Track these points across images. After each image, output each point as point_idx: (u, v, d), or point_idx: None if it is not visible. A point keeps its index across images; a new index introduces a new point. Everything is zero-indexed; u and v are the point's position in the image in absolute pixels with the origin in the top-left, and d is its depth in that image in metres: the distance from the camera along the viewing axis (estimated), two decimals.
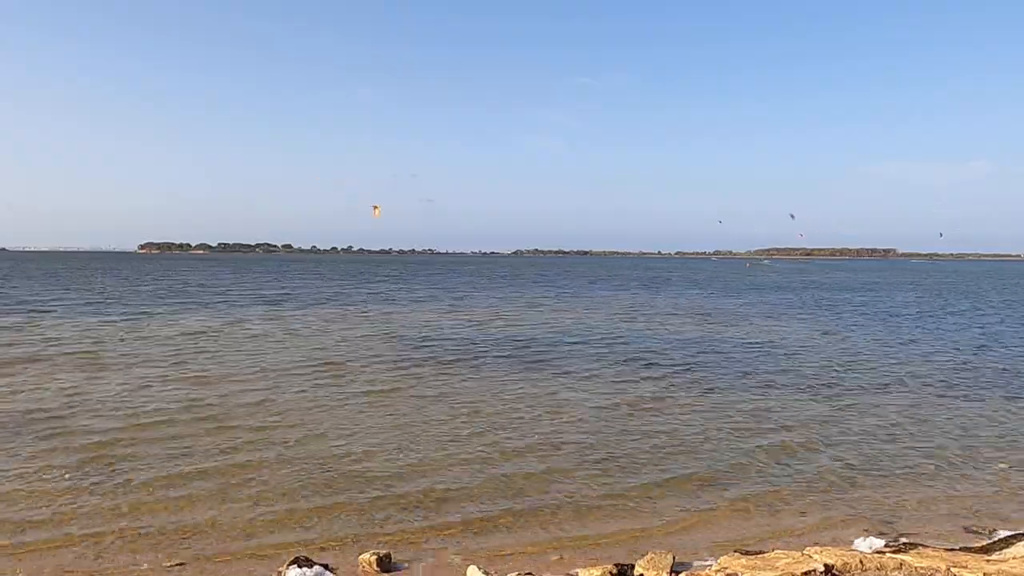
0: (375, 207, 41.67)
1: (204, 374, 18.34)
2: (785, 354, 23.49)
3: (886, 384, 18.34)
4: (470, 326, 31.36)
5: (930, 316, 39.18)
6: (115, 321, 31.15)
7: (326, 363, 20.31)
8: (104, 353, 21.50)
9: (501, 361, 21.34)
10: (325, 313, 36.93)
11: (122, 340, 24.72)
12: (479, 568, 7.23)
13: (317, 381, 17.65)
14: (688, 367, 20.64)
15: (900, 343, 27.00)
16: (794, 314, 39.52)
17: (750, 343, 26.36)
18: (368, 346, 24.24)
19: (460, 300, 48.82)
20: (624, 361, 21.63)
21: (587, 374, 19.37)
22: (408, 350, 23.30)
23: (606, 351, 23.68)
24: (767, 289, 67.41)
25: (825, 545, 7.51)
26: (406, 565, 7.77)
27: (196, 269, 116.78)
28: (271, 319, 33.44)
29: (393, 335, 27.60)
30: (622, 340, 26.73)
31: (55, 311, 35.58)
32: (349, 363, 20.44)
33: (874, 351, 24.54)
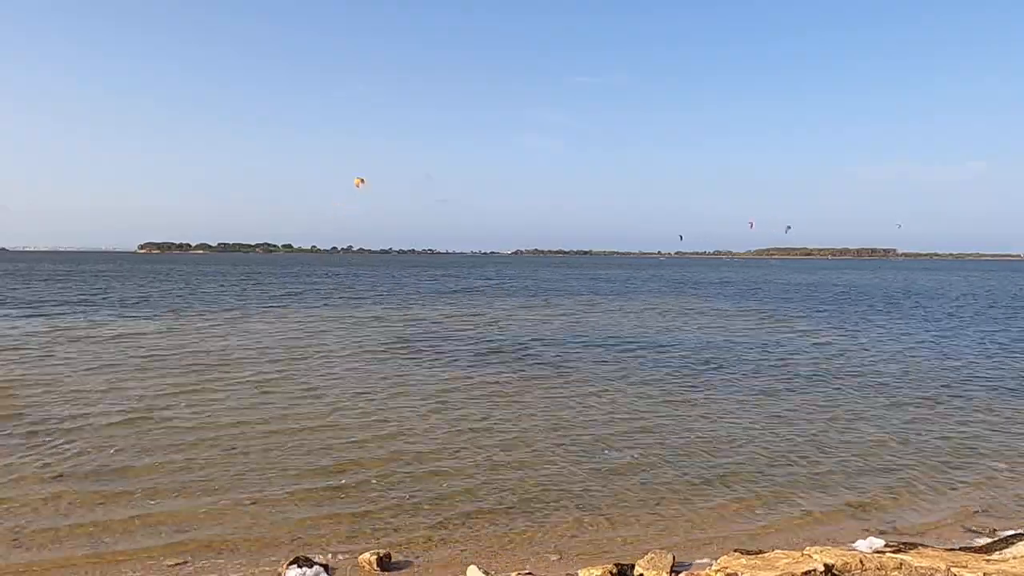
0: (358, 180, 37.33)
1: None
2: (813, 359, 23.50)
3: (895, 386, 18.34)
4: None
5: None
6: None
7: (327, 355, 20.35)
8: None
9: (529, 365, 21.35)
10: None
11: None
12: (479, 568, 7.23)
13: (318, 378, 17.69)
14: (707, 362, 20.65)
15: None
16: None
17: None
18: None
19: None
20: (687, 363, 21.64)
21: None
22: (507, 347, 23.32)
23: None
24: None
25: (825, 545, 7.51)
26: (406, 565, 7.78)
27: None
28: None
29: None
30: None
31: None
32: (357, 360, 20.47)
33: (883, 353, 24.55)
